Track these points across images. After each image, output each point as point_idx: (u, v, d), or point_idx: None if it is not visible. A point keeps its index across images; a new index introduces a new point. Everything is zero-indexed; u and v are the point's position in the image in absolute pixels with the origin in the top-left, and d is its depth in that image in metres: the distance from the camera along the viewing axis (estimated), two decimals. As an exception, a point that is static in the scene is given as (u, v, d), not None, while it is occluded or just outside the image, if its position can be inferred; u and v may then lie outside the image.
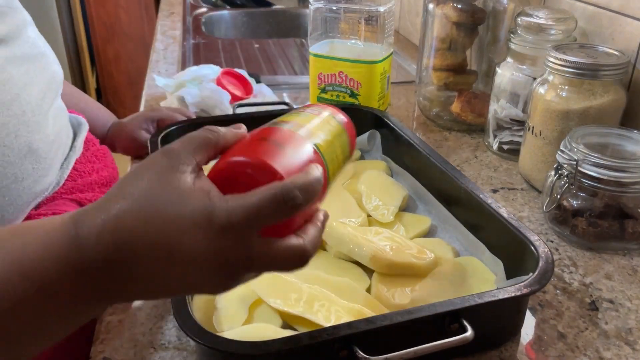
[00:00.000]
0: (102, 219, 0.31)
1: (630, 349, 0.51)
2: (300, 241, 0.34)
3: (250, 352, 0.41)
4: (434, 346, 0.44)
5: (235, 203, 0.32)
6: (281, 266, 0.34)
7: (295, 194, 0.32)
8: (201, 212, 0.31)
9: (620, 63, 0.68)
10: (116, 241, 0.31)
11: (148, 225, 0.31)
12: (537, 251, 0.52)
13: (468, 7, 0.87)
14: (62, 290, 0.31)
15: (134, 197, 0.32)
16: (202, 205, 0.31)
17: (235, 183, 0.34)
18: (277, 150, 0.36)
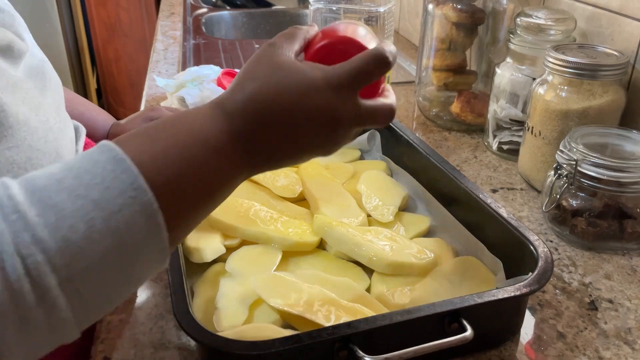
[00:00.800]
0: (241, 98, 0.38)
1: (629, 349, 0.51)
2: (388, 100, 0.43)
3: (250, 352, 0.41)
4: (433, 346, 0.44)
5: (342, 67, 0.39)
6: (377, 120, 0.42)
7: (387, 55, 0.40)
8: (318, 77, 0.38)
9: (620, 63, 0.68)
10: (256, 111, 0.37)
11: (279, 95, 0.38)
12: (536, 251, 0.52)
13: (468, 8, 0.87)
14: (229, 151, 0.37)
15: (260, 77, 0.38)
16: (317, 72, 0.39)
17: (333, 59, 0.41)
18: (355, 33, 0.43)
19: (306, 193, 0.70)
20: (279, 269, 0.58)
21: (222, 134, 0.37)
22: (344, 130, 0.40)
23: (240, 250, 0.60)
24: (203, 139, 0.36)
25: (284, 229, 0.61)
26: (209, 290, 0.55)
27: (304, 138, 0.39)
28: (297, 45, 0.42)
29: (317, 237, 0.62)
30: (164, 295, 0.56)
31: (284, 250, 0.60)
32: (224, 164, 0.37)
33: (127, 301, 0.55)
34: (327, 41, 0.43)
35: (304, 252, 0.61)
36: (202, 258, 0.58)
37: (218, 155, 0.36)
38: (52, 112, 0.58)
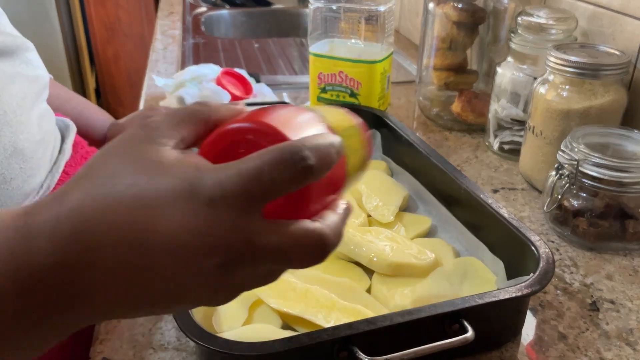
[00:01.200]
0: (59, 205, 0.25)
1: (631, 350, 0.51)
2: (317, 225, 0.26)
3: (250, 353, 0.41)
4: (434, 347, 0.43)
5: (230, 169, 0.24)
6: (294, 257, 0.26)
7: (306, 154, 0.24)
8: (183, 184, 0.24)
9: (621, 63, 0.68)
10: (75, 230, 0.24)
11: (115, 207, 0.24)
12: (537, 251, 0.51)
13: (468, 7, 0.87)
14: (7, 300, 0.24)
15: (100, 176, 0.25)
16: (185, 175, 0.24)
17: (235, 156, 0.26)
18: (286, 118, 0.29)
19: (306, 193, 0.70)
20: (278, 270, 0.58)
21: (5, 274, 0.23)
22: (227, 271, 0.25)
23: (239, 251, 0.59)
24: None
25: (284, 229, 0.61)
26: (208, 290, 0.55)
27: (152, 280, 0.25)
28: (187, 131, 0.28)
29: (317, 237, 0.61)
30: (162, 295, 0.56)
31: (283, 250, 0.60)
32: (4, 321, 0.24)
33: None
34: (230, 127, 0.28)
35: (303, 252, 0.61)
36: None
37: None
38: (12, 104, 0.57)
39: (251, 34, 1.76)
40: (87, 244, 0.24)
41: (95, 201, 0.24)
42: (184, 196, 0.24)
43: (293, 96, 1.08)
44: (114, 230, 0.24)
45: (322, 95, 0.92)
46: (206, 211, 0.24)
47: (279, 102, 0.90)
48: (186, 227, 0.24)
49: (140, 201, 0.24)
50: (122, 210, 0.24)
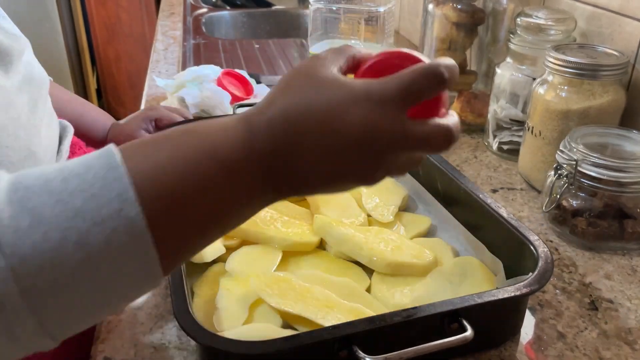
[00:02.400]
0: (270, 112, 0.34)
1: (629, 349, 0.51)
2: (445, 121, 0.35)
3: (250, 352, 0.41)
4: (433, 346, 0.44)
5: (391, 79, 0.33)
6: (429, 144, 0.34)
7: (442, 70, 0.33)
8: (359, 90, 0.33)
9: (620, 63, 0.68)
10: (284, 128, 0.33)
11: (311, 110, 0.33)
12: (536, 251, 0.52)
13: (468, 8, 0.87)
14: (244, 170, 0.33)
15: (294, 90, 0.34)
16: (359, 84, 0.33)
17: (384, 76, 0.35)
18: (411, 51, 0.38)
19: (306, 193, 0.70)
20: (279, 269, 0.58)
21: (241, 151, 0.32)
22: (388, 153, 0.34)
23: (240, 250, 0.60)
24: (217, 156, 0.32)
25: (284, 229, 0.61)
26: (209, 290, 0.55)
27: (338, 162, 0.33)
28: (342, 59, 0.37)
29: (317, 237, 0.62)
30: (164, 295, 0.56)
31: (284, 250, 0.60)
32: (238, 185, 0.33)
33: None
34: (381, 57, 0.38)
35: (304, 252, 0.61)
36: (202, 258, 0.58)
37: (232, 174, 0.32)
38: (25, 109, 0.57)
39: (252, 35, 1.76)
40: (295, 131, 0.33)
41: (296, 105, 0.33)
42: (362, 98, 0.33)
43: (293, 97, 1.08)
44: (313, 123, 0.33)
45: (322, 95, 0.92)
46: (377, 108, 0.33)
47: None
48: (365, 119, 0.32)
49: (329, 104, 0.33)
50: (317, 109, 0.33)
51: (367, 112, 0.32)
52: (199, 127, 0.34)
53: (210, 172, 0.32)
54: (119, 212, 0.28)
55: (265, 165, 0.33)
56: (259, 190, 0.34)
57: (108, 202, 0.28)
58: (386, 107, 0.33)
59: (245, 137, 0.33)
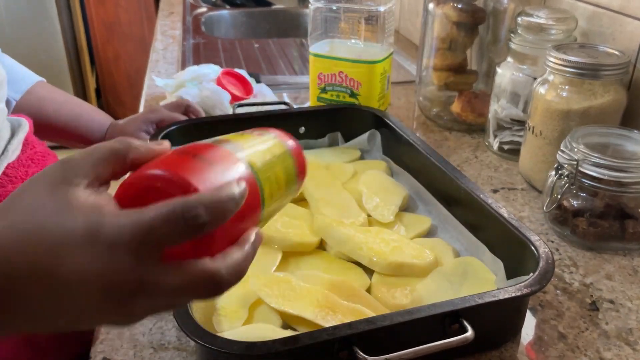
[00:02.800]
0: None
1: (630, 350, 0.51)
2: (212, 265, 0.29)
3: (250, 352, 0.41)
4: (434, 346, 0.43)
5: (128, 219, 0.28)
6: (187, 293, 0.30)
7: (198, 212, 0.28)
8: (86, 228, 0.28)
9: (621, 63, 0.68)
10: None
11: (27, 243, 0.28)
12: (537, 251, 0.52)
13: (468, 7, 0.87)
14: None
15: (17, 212, 0.29)
16: (89, 219, 0.28)
17: (144, 201, 0.29)
18: (198, 164, 0.31)
19: (306, 193, 0.70)
20: (279, 269, 0.58)
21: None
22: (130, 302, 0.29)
23: (240, 251, 0.60)
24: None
25: (284, 229, 0.61)
26: (209, 290, 0.55)
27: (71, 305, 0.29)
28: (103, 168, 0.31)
29: (317, 237, 0.61)
30: (163, 295, 0.56)
31: (284, 250, 0.60)
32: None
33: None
34: (143, 174, 0.30)
35: (304, 252, 0.61)
36: (201, 258, 0.57)
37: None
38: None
39: (251, 34, 1.76)
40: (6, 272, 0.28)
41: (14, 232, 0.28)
42: (86, 240, 0.28)
43: (293, 96, 1.08)
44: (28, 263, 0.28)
45: (322, 95, 0.92)
46: (105, 254, 0.27)
47: (279, 102, 0.90)
48: (87, 267, 0.27)
49: (50, 240, 0.28)
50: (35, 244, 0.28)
51: (90, 258, 0.27)
52: None
53: None
54: None
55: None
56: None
57: None
58: (117, 253, 0.28)
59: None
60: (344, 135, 0.85)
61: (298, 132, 0.84)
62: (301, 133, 0.84)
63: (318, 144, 0.85)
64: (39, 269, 0.28)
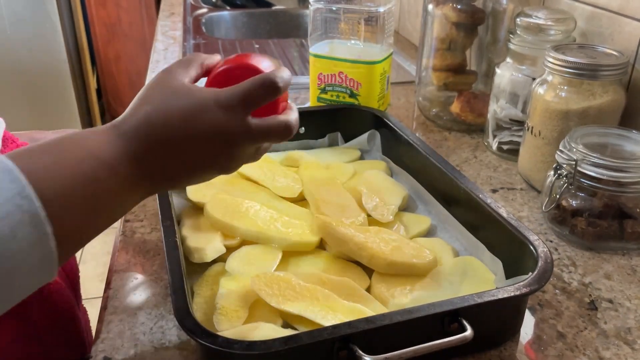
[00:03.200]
0: (135, 120, 0.40)
1: (629, 349, 0.51)
2: (285, 117, 0.44)
3: (250, 352, 0.41)
4: (433, 345, 0.44)
5: (233, 88, 0.41)
6: (273, 134, 0.43)
7: (277, 80, 0.42)
8: (208, 97, 0.40)
9: (620, 63, 0.68)
10: (149, 133, 0.39)
11: (170, 117, 0.40)
12: (536, 251, 0.52)
13: (467, 8, 0.87)
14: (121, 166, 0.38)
15: (153, 101, 0.41)
16: (208, 93, 0.41)
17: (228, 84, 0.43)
18: (258, 59, 0.46)
19: (306, 193, 0.70)
20: (279, 269, 0.58)
21: (115, 153, 0.38)
22: (237, 147, 0.42)
23: (240, 250, 0.60)
24: (95, 156, 0.37)
25: (284, 229, 0.62)
26: (209, 290, 0.55)
27: (196, 156, 0.41)
28: (192, 71, 0.44)
29: (317, 237, 0.62)
30: (164, 295, 0.56)
31: (284, 250, 0.60)
32: (116, 181, 0.38)
33: (127, 301, 0.55)
34: (225, 67, 0.45)
35: (304, 252, 0.61)
36: (202, 258, 0.58)
37: (110, 172, 0.37)
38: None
39: (252, 35, 1.76)
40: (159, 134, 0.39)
41: (156, 112, 0.40)
42: (211, 105, 0.40)
43: (293, 96, 1.08)
44: (172, 128, 0.40)
45: (322, 95, 0.92)
46: (225, 113, 0.41)
47: None
48: (215, 122, 0.40)
49: (184, 111, 0.40)
50: (174, 115, 0.40)
51: (216, 116, 0.40)
52: (79, 135, 0.39)
53: (94, 173, 0.37)
54: (20, 207, 0.32)
55: (139, 163, 0.39)
56: (135, 183, 0.39)
57: (8, 199, 0.31)
58: (231, 112, 0.41)
59: (117, 141, 0.39)
60: (343, 135, 0.86)
61: (298, 132, 0.84)
62: (301, 133, 0.84)
63: (318, 144, 0.85)
64: (182, 128, 0.40)
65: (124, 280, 0.58)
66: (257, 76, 0.42)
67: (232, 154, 0.42)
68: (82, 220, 0.36)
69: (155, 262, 0.61)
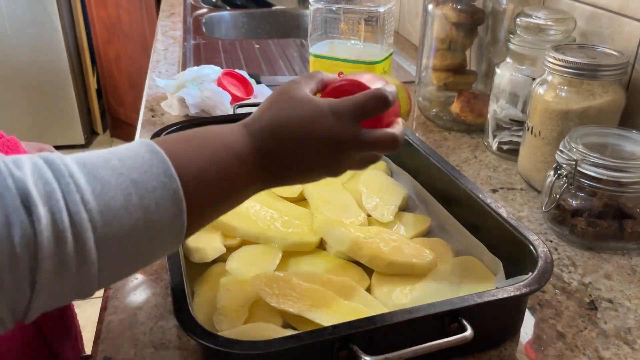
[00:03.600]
0: (262, 122, 0.45)
1: (629, 349, 0.51)
2: (391, 130, 0.48)
3: (251, 352, 0.41)
4: (433, 345, 0.44)
5: (348, 100, 0.45)
6: (378, 146, 0.46)
7: (387, 93, 0.46)
8: (324, 106, 0.45)
9: (620, 63, 0.68)
10: (273, 133, 0.44)
11: (291, 121, 0.44)
12: (536, 251, 0.52)
13: (467, 8, 0.87)
14: (249, 160, 0.43)
15: (278, 106, 0.45)
16: (324, 102, 0.45)
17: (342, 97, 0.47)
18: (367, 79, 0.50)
19: (306, 193, 0.70)
20: (279, 269, 0.58)
21: (245, 147, 0.43)
22: (346, 153, 0.46)
23: (240, 250, 0.60)
24: (229, 147, 0.42)
25: (284, 229, 0.62)
26: (209, 290, 0.55)
27: (309, 157, 0.45)
28: (313, 84, 0.49)
29: (317, 237, 0.62)
30: (164, 295, 0.56)
31: (284, 250, 0.60)
32: (243, 171, 0.43)
33: (127, 301, 0.55)
34: (340, 83, 0.50)
35: (304, 252, 0.61)
36: (202, 258, 0.58)
37: (240, 162, 0.42)
38: None
39: (252, 35, 1.76)
40: (280, 137, 0.44)
41: (279, 118, 0.44)
42: (327, 113, 0.44)
43: (293, 97, 1.08)
44: (292, 132, 0.44)
45: (322, 95, 0.92)
46: (338, 121, 0.44)
47: None
48: (329, 129, 0.44)
49: (304, 117, 0.44)
50: (294, 121, 0.44)
51: (331, 124, 0.44)
52: (215, 128, 0.44)
53: (226, 161, 0.41)
54: (165, 184, 0.36)
55: (263, 158, 0.44)
56: (257, 176, 0.44)
57: (156, 176, 0.36)
58: (345, 120, 0.44)
59: (247, 139, 0.44)
60: (344, 135, 0.85)
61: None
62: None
63: (318, 144, 0.85)
64: (302, 132, 0.44)
65: (124, 280, 0.58)
66: (369, 90, 0.46)
67: (340, 159, 0.46)
68: (211, 202, 0.41)
69: (155, 262, 0.61)
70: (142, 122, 0.94)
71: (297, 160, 0.45)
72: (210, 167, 0.40)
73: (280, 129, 0.44)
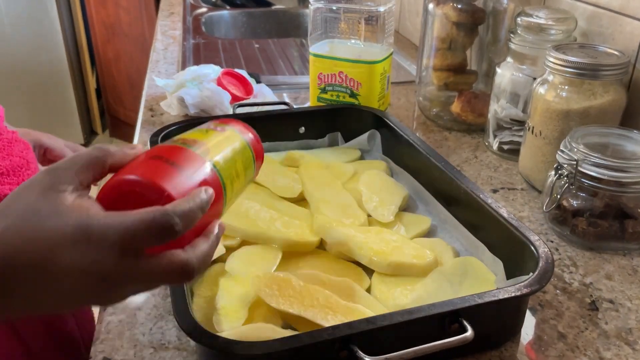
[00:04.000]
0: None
1: (630, 349, 0.51)
2: (184, 256, 0.34)
3: (250, 352, 0.41)
4: (434, 346, 0.44)
5: (113, 220, 0.32)
6: (161, 280, 0.35)
7: (175, 221, 0.33)
8: (77, 227, 0.32)
9: (621, 63, 0.68)
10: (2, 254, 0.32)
11: (27, 241, 0.32)
12: (537, 251, 0.52)
13: (468, 7, 0.87)
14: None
15: (15, 215, 0.33)
16: (79, 220, 0.32)
17: (124, 202, 0.34)
18: (170, 169, 0.36)
19: (306, 193, 0.70)
20: (279, 269, 0.58)
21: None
22: (116, 288, 0.34)
23: (240, 250, 0.60)
24: None
25: (284, 229, 0.61)
26: (209, 290, 0.55)
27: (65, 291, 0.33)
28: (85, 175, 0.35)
29: (317, 237, 0.62)
30: (164, 295, 0.56)
31: (284, 250, 0.60)
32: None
33: (126, 301, 0.55)
34: (122, 178, 0.35)
35: (304, 252, 0.61)
36: (201, 258, 0.57)
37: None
38: None
39: (251, 35, 1.76)
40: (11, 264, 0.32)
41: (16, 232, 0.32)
42: (76, 239, 0.32)
43: (293, 96, 1.08)
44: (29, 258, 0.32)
45: (322, 95, 0.92)
46: (93, 251, 0.32)
47: (279, 102, 0.90)
48: (77, 262, 0.32)
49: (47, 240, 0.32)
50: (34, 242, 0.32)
51: (85, 254, 0.32)
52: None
53: None
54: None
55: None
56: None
57: None
58: (106, 250, 0.32)
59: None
60: (343, 135, 0.86)
61: (298, 132, 0.84)
62: (301, 133, 0.84)
63: (318, 144, 0.85)
64: (38, 262, 0.32)
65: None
66: (148, 212, 0.32)
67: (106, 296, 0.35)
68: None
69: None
70: (142, 121, 0.94)
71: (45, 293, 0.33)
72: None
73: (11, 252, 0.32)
